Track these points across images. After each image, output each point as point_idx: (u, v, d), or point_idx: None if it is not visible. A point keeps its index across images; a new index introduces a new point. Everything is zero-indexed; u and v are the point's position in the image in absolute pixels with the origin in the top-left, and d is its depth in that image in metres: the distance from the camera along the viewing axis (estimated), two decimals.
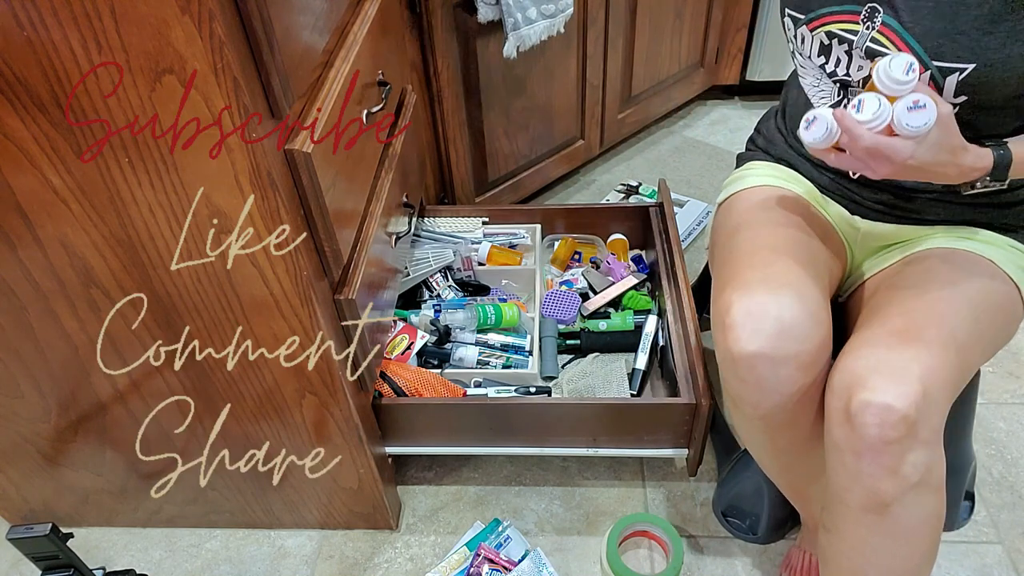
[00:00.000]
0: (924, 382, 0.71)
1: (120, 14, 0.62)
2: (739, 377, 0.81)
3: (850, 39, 0.84)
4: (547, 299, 1.44)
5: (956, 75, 0.76)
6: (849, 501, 0.77)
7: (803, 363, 0.78)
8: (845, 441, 0.74)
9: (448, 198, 1.65)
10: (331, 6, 0.91)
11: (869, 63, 0.83)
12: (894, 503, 0.74)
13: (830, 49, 0.87)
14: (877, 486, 0.74)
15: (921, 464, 0.72)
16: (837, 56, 0.86)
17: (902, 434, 0.70)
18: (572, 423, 1.12)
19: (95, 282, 0.85)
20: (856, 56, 0.84)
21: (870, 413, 0.71)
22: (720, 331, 0.82)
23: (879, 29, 0.81)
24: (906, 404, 0.70)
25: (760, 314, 0.78)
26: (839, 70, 0.87)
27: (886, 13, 0.80)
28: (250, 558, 1.21)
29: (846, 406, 0.74)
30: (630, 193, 1.97)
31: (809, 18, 0.87)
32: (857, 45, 0.84)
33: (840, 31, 0.85)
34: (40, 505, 1.21)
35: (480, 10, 1.39)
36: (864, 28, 0.82)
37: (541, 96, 1.70)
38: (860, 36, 0.83)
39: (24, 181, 0.75)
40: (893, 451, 0.71)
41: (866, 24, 0.82)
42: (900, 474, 0.73)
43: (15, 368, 0.96)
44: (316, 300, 0.85)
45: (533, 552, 1.16)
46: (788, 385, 0.79)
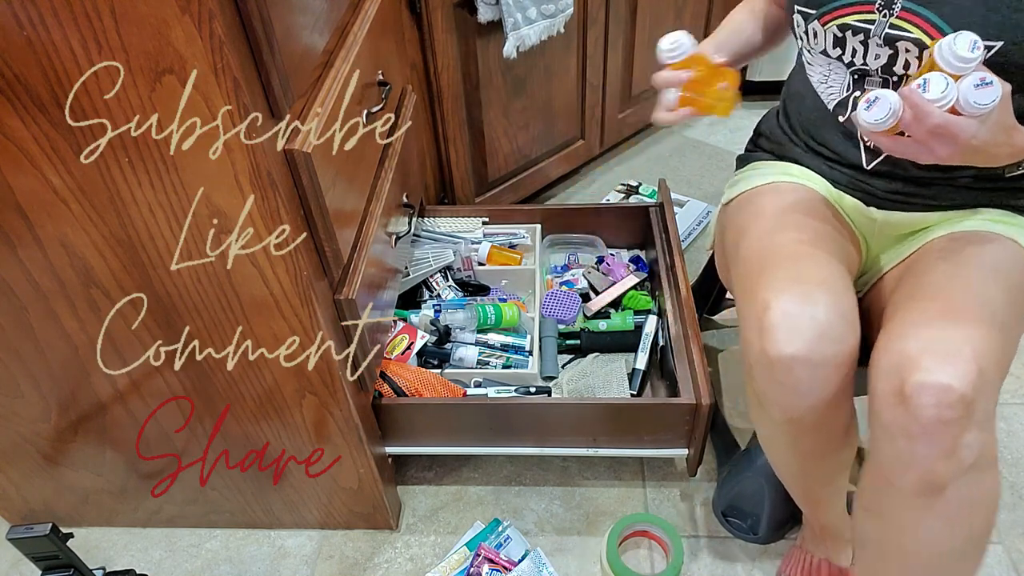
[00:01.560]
0: (979, 361, 0.69)
1: (120, 14, 0.62)
2: (775, 380, 0.78)
3: (866, 28, 0.82)
4: (547, 299, 1.44)
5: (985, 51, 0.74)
6: (901, 485, 0.74)
7: (839, 364, 0.76)
8: (898, 424, 0.71)
9: (448, 198, 1.65)
10: (331, 6, 0.91)
11: (887, 50, 0.81)
12: (949, 485, 0.72)
13: (844, 41, 0.85)
14: (933, 468, 0.71)
15: (976, 445, 0.70)
16: (852, 47, 0.85)
17: (960, 414, 0.68)
18: (572, 423, 1.12)
19: (95, 282, 0.85)
20: (873, 44, 0.83)
21: (927, 394, 0.68)
22: (755, 333, 0.79)
23: (899, 15, 0.79)
24: (964, 384, 0.68)
25: (798, 316, 0.76)
26: (856, 60, 0.86)
27: None
28: (250, 558, 1.21)
29: (899, 388, 0.70)
30: (630, 193, 1.97)
31: (820, 12, 0.86)
32: (875, 33, 0.82)
33: (855, 22, 0.83)
34: (40, 505, 1.21)
35: (480, 10, 1.39)
36: (881, 16, 0.80)
37: (541, 96, 1.70)
38: (877, 24, 0.81)
39: (24, 181, 0.75)
40: (950, 432, 0.69)
41: (883, 12, 0.80)
42: (956, 456, 0.70)
43: (15, 368, 0.96)
44: (316, 300, 0.85)
45: (533, 552, 1.16)
46: (823, 388, 0.77)
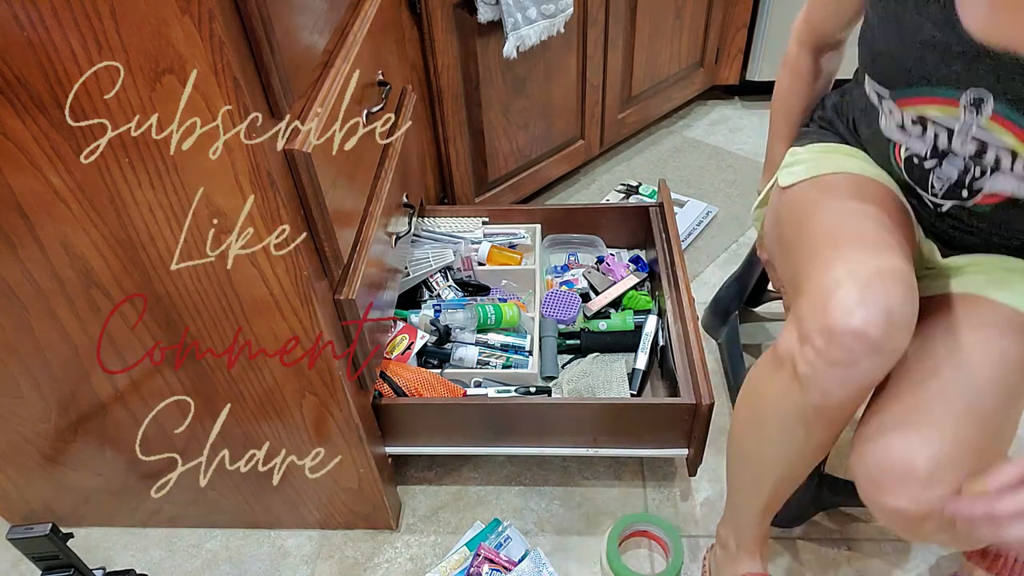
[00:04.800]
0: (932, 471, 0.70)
1: (120, 14, 0.62)
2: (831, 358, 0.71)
3: (950, 127, 0.74)
4: (547, 299, 1.44)
5: None
6: None
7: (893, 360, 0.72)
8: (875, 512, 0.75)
9: (448, 198, 1.65)
10: (331, 6, 0.91)
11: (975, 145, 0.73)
12: None
13: (924, 125, 0.78)
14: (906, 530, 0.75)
15: None
16: (935, 132, 0.77)
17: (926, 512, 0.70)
18: (572, 423, 1.12)
19: (95, 282, 0.85)
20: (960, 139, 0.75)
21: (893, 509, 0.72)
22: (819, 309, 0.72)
23: (990, 119, 0.70)
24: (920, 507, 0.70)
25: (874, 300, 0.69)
26: (939, 144, 0.77)
27: (999, 102, 0.68)
28: (250, 558, 1.21)
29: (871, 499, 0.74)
30: (630, 193, 1.97)
31: (895, 96, 0.78)
32: (961, 132, 0.74)
33: (936, 115, 0.74)
34: (40, 505, 1.21)
35: (480, 10, 1.39)
36: (967, 116, 0.72)
37: (541, 96, 1.70)
38: (963, 124, 0.73)
39: (24, 181, 0.75)
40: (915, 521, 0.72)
41: (969, 111, 0.71)
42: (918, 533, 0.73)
43: (15, 368, 0.96)
44: (316, 300, 0.85)
45: (533, 552, 1.16)
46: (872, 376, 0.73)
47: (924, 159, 0.81)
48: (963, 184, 0.79)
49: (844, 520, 1.20)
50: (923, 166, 0.82)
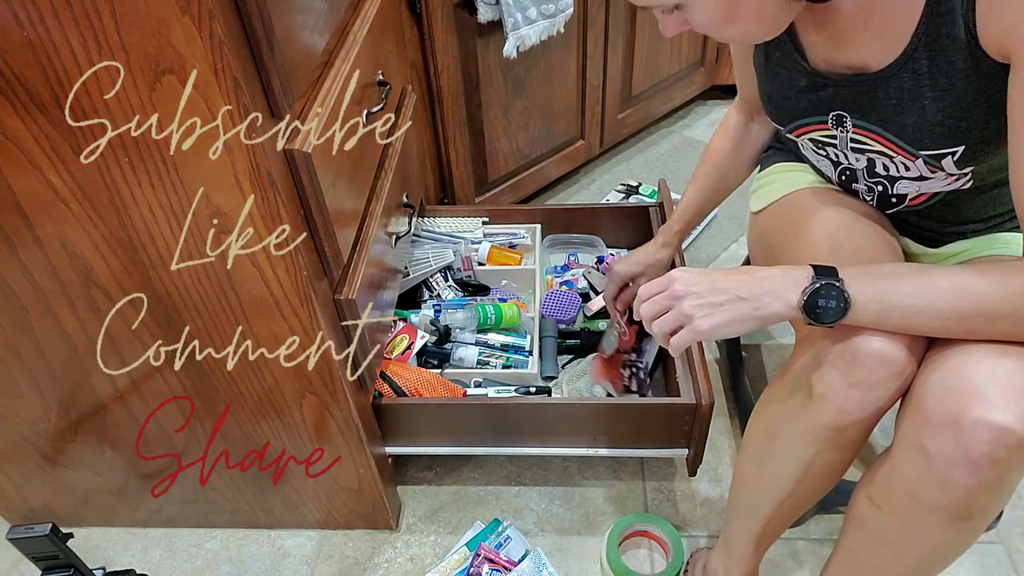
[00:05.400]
0: None
1: (120, 14, 0.62)
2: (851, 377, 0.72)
3: (833, 143, 0.85)
4: (547, 299, 1.44)
5: (950, 156, 0.74)
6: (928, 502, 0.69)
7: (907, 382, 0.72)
8: (941, 449, 0.66)
9: (448, 198, 1.65)
10: (331, 6, 0.91)
11: (862, 157, 0.83)
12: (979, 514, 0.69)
13: (824, 149, 0.88)
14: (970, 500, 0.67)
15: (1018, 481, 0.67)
16: (833, 153, 0.87)
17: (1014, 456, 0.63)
18: (572, 423, 1.12)
19: (95, 282, 0.85)
20: (847, 154, 0.85)
21: (985, 430, 0.63)
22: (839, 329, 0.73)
23: (853, 132, 0.80)
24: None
25: None
26: (841, 161, 0.88)
27: (854, 118, 0.79)
28: (250, 558, 1.21)
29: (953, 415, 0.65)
30: (630, 193, 1.97)
31: (788, 129, 0.88)
32: (841, 147, 0.84)
33: (821, 137, 0.85)
34: (40, 505, 1.21)
35: (480, 10, 1.39)
36: (839, 132, 0.82)
37: (541, 96, 1.70)
38: (840, 140, 0.83)
39: (24, 181, 0.75)
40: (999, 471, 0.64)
41: (839, 129, 0.82)
42: (997, 492, 0.67)
43: (15, 368, 0.96)
44: (316, 300, 0.85)
45: (533, 552, 1.16)
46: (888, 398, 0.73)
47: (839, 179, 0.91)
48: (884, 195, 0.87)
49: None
50: (850, 188, 0.91)
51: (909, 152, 0.76)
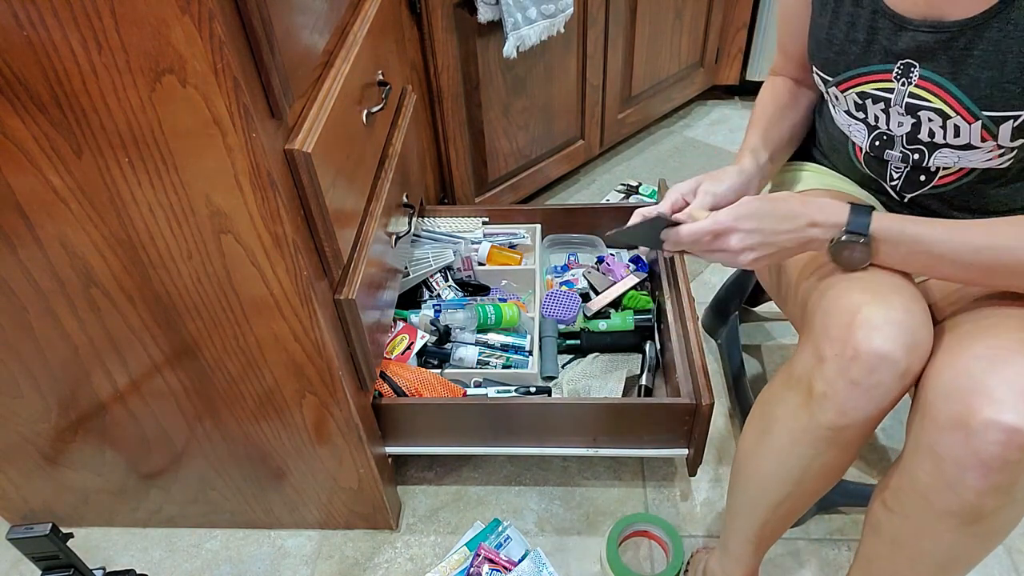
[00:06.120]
0: None
1: (120, 14, 0.62)
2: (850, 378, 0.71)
3: (886, 98, 0.81)
4: (547, 299, 1.44)
5: (1010, 122, 0.72)
6: (940, 505, 0.69)
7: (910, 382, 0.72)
8: (951, 450, 0.65)
9: (448, 198, 1.65)
10: (331, 6, 0.91)
11: (910, 118, 0.80)
12: (990, 516, 0.67)
13: (865, 108, 0.84)
14: (979, 501, 0.66)
15: None
16: (874, 114, 0.84)
17: None
18: (572, 423, 1.12)
19: (95, 282, 0.85)
20: (895, 113, 0.81)
21: (996, 431, 0.62)
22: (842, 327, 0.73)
23: (917, 83, 0.77)
24: None
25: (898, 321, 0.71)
26: (879, 126, 0.85)
27: (924, 67, 0.76)
28: (250, 558, 1.21)
29: (962, 417, 0.64)
30: (630, 193, 1.97)
31: (838, 80, 0.85)
32: (895, 102, 0.80)
33: (874, 91, 0.81)
34: (40, 505, 1.21)
35: (480, 10, 1.39)
36: (900, 85, 0.79)
37: (541, 96, 1.70)
38: (897, 93, 0.79)
39: (24, 181, 0.75)
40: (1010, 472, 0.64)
41: (901, 81, 0.78)
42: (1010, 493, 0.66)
43: (15, 368, 0.96)
44: (316, 300, 0.85)
45: (533, 552, 1.16)
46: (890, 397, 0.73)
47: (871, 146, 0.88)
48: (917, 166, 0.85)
49: (844, 520, 1.20)
50: (881, 157, 0.88)
51: (971, 112, 0.74)
